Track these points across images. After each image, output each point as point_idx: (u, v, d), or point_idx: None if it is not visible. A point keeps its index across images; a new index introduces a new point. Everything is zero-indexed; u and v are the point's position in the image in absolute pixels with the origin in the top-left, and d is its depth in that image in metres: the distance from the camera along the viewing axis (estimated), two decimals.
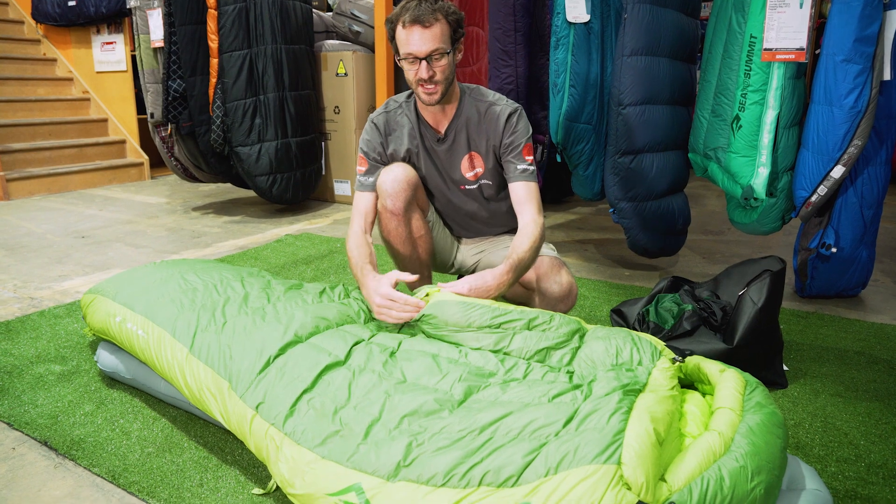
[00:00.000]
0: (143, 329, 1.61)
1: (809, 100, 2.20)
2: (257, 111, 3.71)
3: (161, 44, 3.72)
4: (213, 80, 3.67)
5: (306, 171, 4.04)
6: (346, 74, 4.13)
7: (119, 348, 1.76)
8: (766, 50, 2.14)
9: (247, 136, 3.69)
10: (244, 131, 3.68)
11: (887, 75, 2.07)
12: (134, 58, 4.59)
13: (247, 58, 3.64)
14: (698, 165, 2.58)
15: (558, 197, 4.36)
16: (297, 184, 3.96)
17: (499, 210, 1.91)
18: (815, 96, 2.15)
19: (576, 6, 2.53)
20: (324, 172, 4.36)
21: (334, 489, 1.09)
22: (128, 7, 4.06)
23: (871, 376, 1.84)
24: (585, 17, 2.54)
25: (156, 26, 3.72)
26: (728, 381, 1.23)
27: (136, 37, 3.88)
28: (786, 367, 1.86)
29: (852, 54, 2.03)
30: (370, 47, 4.25)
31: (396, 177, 1.75)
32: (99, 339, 1.92)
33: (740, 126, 2.25)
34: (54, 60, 5.69)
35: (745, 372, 1.31)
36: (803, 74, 2.22)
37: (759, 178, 2.23)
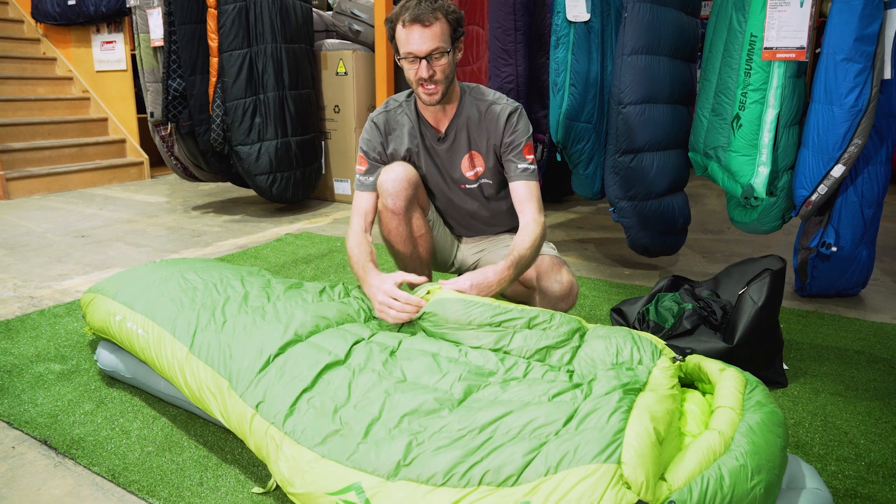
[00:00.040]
0: (142, 328, 1.61)
1: (810, 99, 2.20)
2: (257, 110, 3.71)
3: (161, 43, 3.72)
4: (212, 80, 3.67)
5: (306, 171, 4.04)
6: (346, 73, 4.13)
7: (119, 347, 1.76)
8: (766, 49, 2.14)
9: (247, 136, 3.69)
10: (244, 130, 3.68)
11: (888, 74, 2.07)
12: (134, 57, 4.58)
13: (247, 57, 3.64)
14: (698, 164, 2.58)
15: (558, 196, 4.36)
16: (297, 183, 3.96)
17: (499, 209, 1.91)
18: (816, 95, 2.15)
19: (576, 5, 2.53)
20: (324, 171, 4.36)
21: (334, 488, 1.09)
22: (127, 6, 4.06)
23: (871, 375, 1.84)
24: (585, 16, 2.53)
25: (155, 25, 3.72)
26: (728, 379, 1.23)
27: (135, 36, 3.88)
28: (786, 366, 1.86)
29: (853, 53, 2.03)
30: (370, 46, 4.25)
31: (397, 176, 1.75)
32: (99, 338, 1.92)
33: (740, 125, 2.24)
34: (54, 60, 5.69)
35: (745, 371, 1.31)
36: (803, 73, 2.22)
37: (760, 177, 2.23)
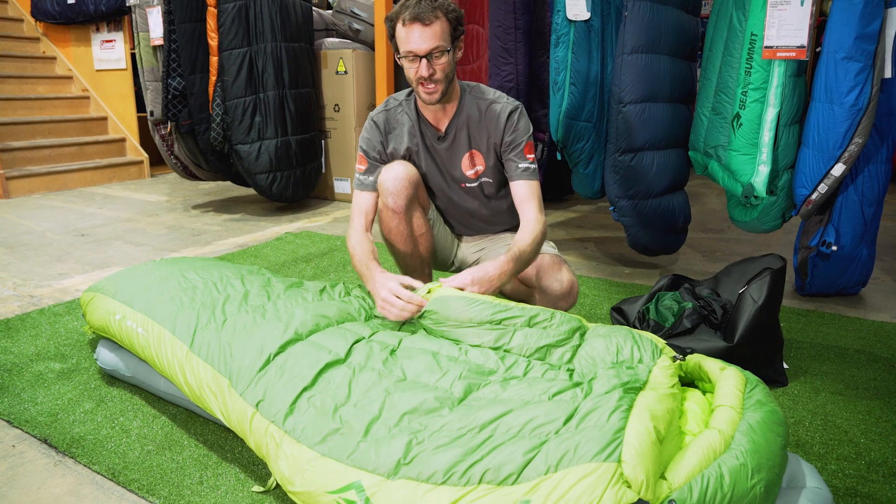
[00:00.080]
0: (142, 327, 1.60)
1: (810, 98, 2.20)
2: (257, 109, 3.71)
3: (161, 42, 3.71)
4: (212, 78, 3.67)
5: (306, 169, 4.03)
6: (346, 72, 4.13)
7: (119, 346, 1.75)
8: (766, 48, 2.13)
9: (246, 134, 3.69)
10: (244, 129, 3.67)
11: (888, 73, 2.07)
12: (133, 56, 4.58)
13: (246, 56, 3.64)
14: (698, 163, 2.58)
15: (558, 195, 4.36)
16: (296, 182, 3.96)
17: (499, 208, 1.91)
18: (816, 94, 2.14)
19: (576, 4, 2.53)
20: (324, 170, 4.36)
21: (334, 487, 1.09)
22: (127, 5, 4.06)
23: (872, 374, 1.84)
24: (586, 15, 2.53)
25: (155, 24, 3.72)
26: (728, 378, 1.23)
27: (135, 35, 3.88)
28: (786, 365, 1.86)
29: (853, 52, 2.02)
30: (370, 45, 4.24)
31: (398, 175, 1.75)
32: (99, 337, 1.92)
33: (741, 124, 2.24)
34: (54, 58, 5.69)
35: (746, 370, 1.31)
36: (804, 72, 2.22)
37: (760, 176, 2.23)
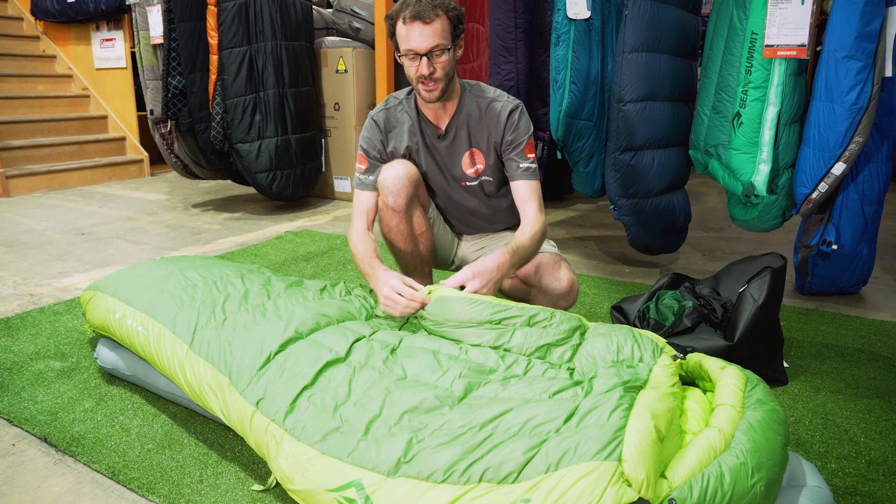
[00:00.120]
0: (142, 325, 1.60)
1: (810, 96, 2.20)
2: (257, 108, 3.71)
3: (161, 40, 3.71)
4: (212, 77, 3.66)
5: (306, 168, 4.03)
6: (346, 71, 4.12)
7: (119, 345, 1.75)
8: (767, 46, 2.13)
9: (247, 133, 3.69)
10: (244, 128, 3.67)
11: (889, 72, 2.06)
12: (133, 54, 4.58)
13: (246, 54, 3.64)
14: (699, 162, 2.57)
15: (559, 194, 4.35)
16: (296, 180, 3.95)
17: (499, 206, 1.91)
18: (817, 93, 2.14)
19: (576, 2, 2.52)
20: (324, 169, 4.36)
21: (334, 485, 1.09)
22: (127, 3, 4.06)
23: (872, 373, 1.84)
24: (586, 14, 2.53)
25: (155, 23, 3.71)
26: (729, 377, 1.23)
27: (135, 33, 3.88)
28: (786, 364, 1.86)
29: (854, 51, 2.02)
30: (370, 44, 4.24)
31: (398, 174, 1.75)
32: (99, 336, 1.92)
33: (741, 123, 2.24)
34: (54, 57, 5.68)
35: (746, 369, 1.31)
36: (804, 71, 2.22)
37: (760, 175, 2.23)
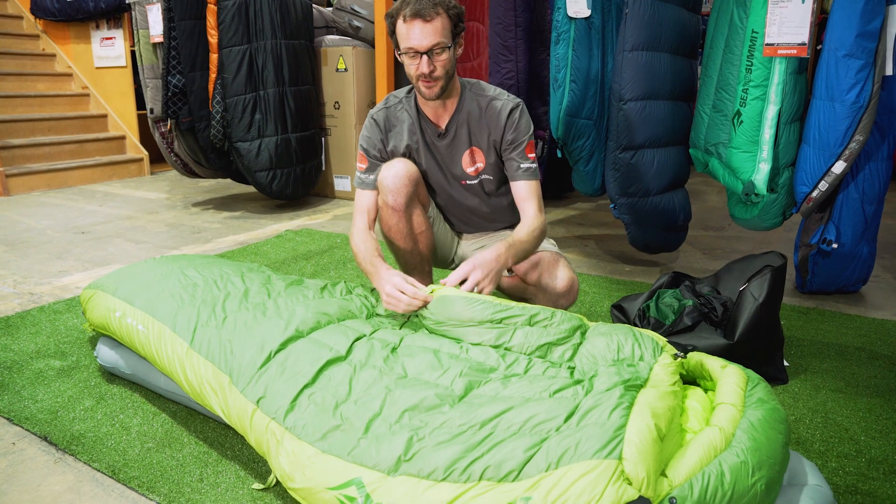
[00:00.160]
0: (143, 324, 1.60)
1: (811, 95, 2.19)
2: (257, 106, 3.70)
3: (160, 39, 3.71)
4: (212, 76, 3.66)
5: (306, 167, 4.03)
6: (346, 70, 4.12)
7: (119, 343, 1.75)
8: (767, 45, 2.13)
9: (246, 132, 3.68)
10: (244, 127, 3.67)
11: (889, 70, 2.06)
12: (133, 53, 4.57)
13: (246, 53, 3.63)
14: (699, 161, 2.57)
15: (559, 193, 4.35)
16: (297, 179, 3.95)
17: (499, 205, 1.91)
18: (817, 92, 2.14)
19: (577, 1, 2.52)
20: (324, 168, 4.36)
21: (335, 483, 1.09)
22: (127, 2, 4.05)
23: (872, 372, 1.84)
24: (586, 12, 2.53)
25: (155, 21, 3.71)
26: (730, 376, 1.23)
27: (135, 32, 3.87)
28: (786, 363, 1.86)
29: (854, 49, 2.02)
30: (370, 43, 4.24)
31: (398, 173, 1.75)
32: (99, 335, 1.92)
33: (741, 121, 2.24)
34: (53, 56, 5.68)
35: (747, 368, 1.31)
36: (805, 70, 2.22)
37: (760, 174, 2.23)
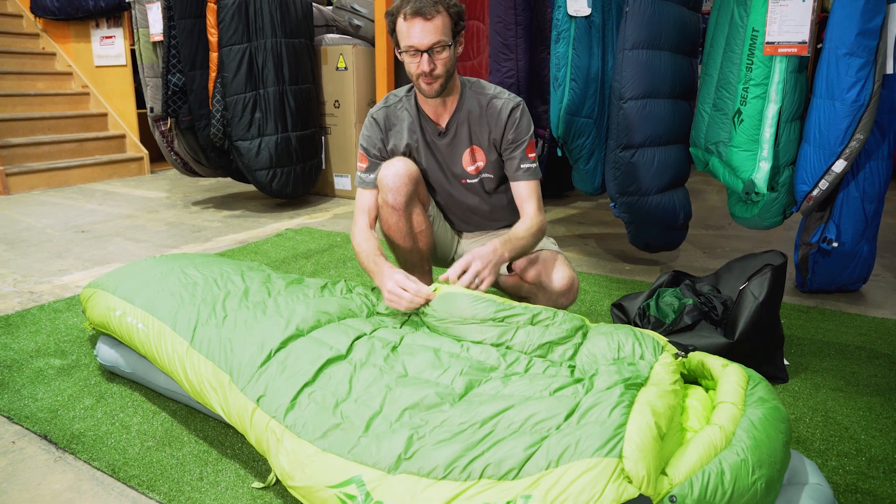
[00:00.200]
0: (143, 323, 1.60)
1: (811, 94, 2.19)
2: (257, 105, 3.70)
3: (160, 38, 3.70)
4: (212, 75, 3.66)
5: (306, 166, 4.03)
6: (346, 69, 4.12)
7: (119, 342, 1.75)
8: (768, 43, 2.13)
9: (247, 131, 3.68)
10: (244, 125, 3.67)
11: (890, 69, 2.06)
12: (133, 52, 4.57)
13: (246, 52, 3.63)
14: (699, 160, 2.57)
15: (559, 191, 4.35)
16: (297, 178, 3.95)
17: (499, 203, 1.91)
18: (817, 90, 2.14)
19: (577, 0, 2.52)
20: (324, 167, 4.35)
21: (335, 481, 1.09)
22: (127, 1, 4.05)
23: (872, 371, 1.84)
24: (586, 11, 2.52)
25: (155, 20, 3.71)
26: (730, 375, 1.23)
27: (135, 31, 3.87)
28: (787, 362, 1.86)
29: (855, 48, 2.02)
30: (370, 41, 4.23)
31: (398, 171, 1.75)
32: (99, 334, 1.92)
33: (742, 120, 2.24)
34: (53, 55, 5.68)
35: (747, 367, 1.31)
36: (805, 68, 2.22)
37: (761, 173, 2.23)
